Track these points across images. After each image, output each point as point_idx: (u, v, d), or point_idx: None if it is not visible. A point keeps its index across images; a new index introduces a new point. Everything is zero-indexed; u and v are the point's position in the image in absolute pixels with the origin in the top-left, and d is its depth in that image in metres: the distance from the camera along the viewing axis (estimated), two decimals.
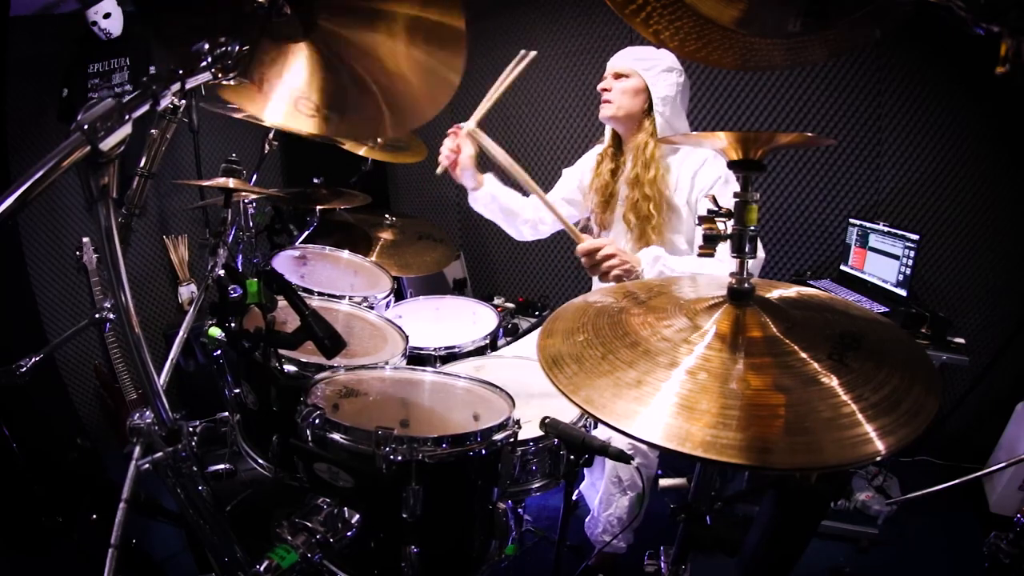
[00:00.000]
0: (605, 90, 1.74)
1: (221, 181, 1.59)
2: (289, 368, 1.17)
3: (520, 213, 1.94)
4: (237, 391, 1.24)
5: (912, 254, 2.15)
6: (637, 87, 1.69)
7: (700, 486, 0.88)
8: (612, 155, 1.83)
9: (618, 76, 1.72)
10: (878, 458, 0.58)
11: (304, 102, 1.05)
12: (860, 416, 0.60)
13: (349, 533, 0.97)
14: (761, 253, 1.65)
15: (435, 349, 1.64)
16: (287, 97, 1.04)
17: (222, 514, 0.84)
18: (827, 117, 2.60)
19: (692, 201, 1.68)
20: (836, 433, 0.58)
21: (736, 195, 0.77)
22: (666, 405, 0.63)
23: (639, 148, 1.71)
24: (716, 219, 0.78)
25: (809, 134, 0.78)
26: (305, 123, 1.07)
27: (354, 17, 0.96)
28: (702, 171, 1.70)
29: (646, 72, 1.68)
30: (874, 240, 2.35)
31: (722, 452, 0.57)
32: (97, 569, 0.79)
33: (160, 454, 0.75)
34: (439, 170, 1.82)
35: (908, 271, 2.16)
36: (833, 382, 0.64)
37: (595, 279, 2.01)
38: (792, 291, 0.87)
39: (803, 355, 0.68)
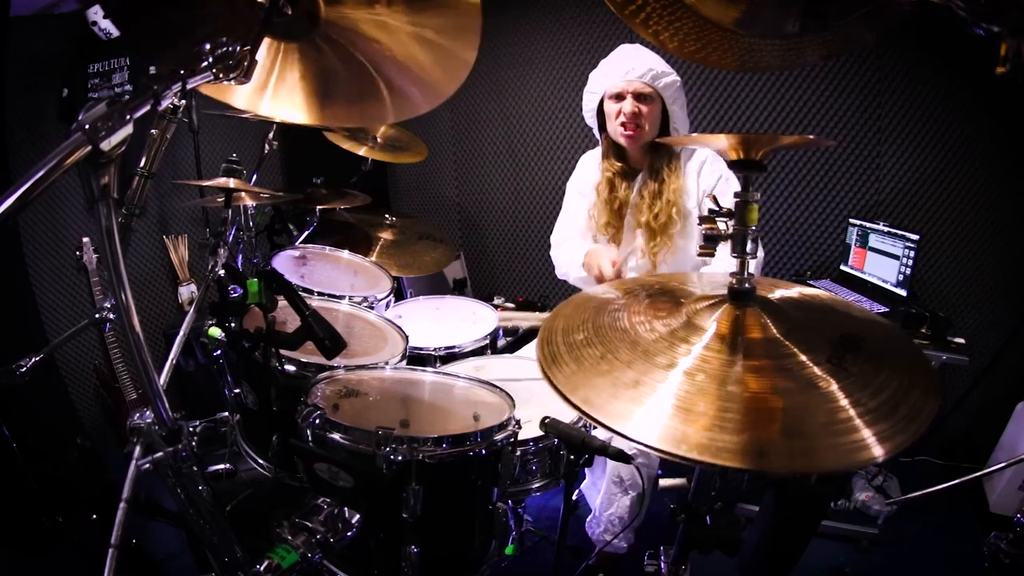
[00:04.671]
0: (636, 116, 1.67)
1: (221, 181, 1.60)
2: (289, 368, 1.17)
3: None
4: (237, 391, 1.24)
5: (912, 254, 2.15)
6: (659, 110, 1.69)
7: (700, 486, 0.88)
8: (623, 172, 1.83)
9: (639, 96, 1.67)
10: (875, 463, 0.58)
11: (299, 91, 1.04)
12: (858, 421, 0.60)
13: (349, 533, 0.97)
14: (759, 252, 1.66)
15: (435, 349, 1.64)
16: (281, 87, 1.03)
17: (222, 514, 0.84)
18: (827, 117, 2.60)
19: (700, 203, 1.70)
20: (833, 439, 0.58)
21: (736, 195, 0.77)
22: (663, 407, 0.63)
23: (663, 161, 1.72)
24: (716, 219, 0.78)
25: (810, 136, 0.78)
26: (300, 114, 1.07)
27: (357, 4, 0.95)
28: (704, 171, 1.71)
29: (665, 93, 1.67)
30: (874, 240, 2.35)
31: (717, 455, 0.57)
32: (97, 569, 0.79)
33: (160, 454, 0.75)
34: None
35: (908, 271, 2.16)
36: (832, 386, 0.64)
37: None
38: (794, 291, 0.86)
39: (802, 358, 0.68)
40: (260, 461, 1.22)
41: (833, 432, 0.59)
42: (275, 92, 1.04)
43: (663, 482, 1.07)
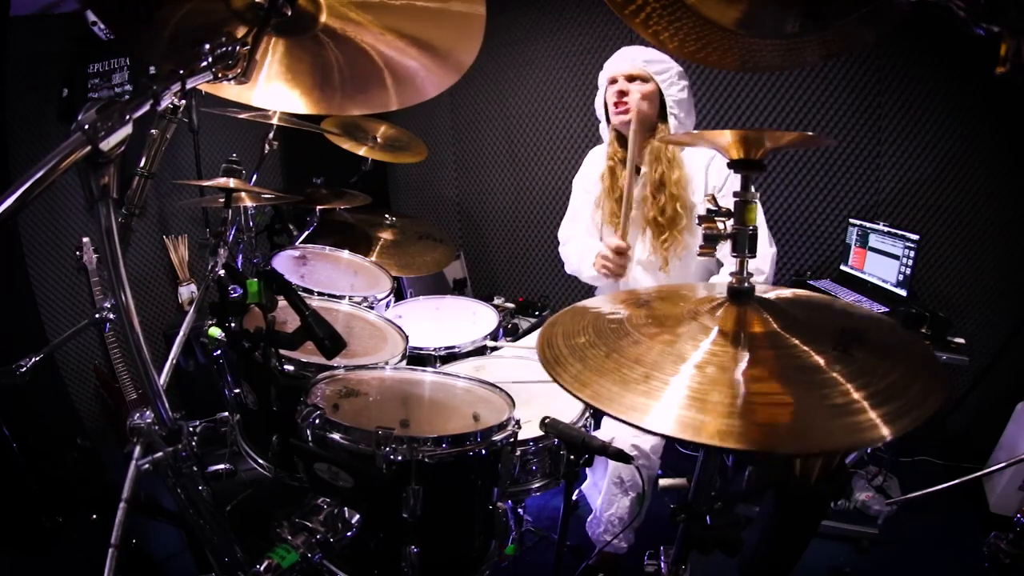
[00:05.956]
0: (623, 93, 1.69)
1: (221, 181, 1.60)
2: (289, 368, 1.17)
3: None
4: (237, 391, 1.24)
5: (912, 254, 2.15)
6: (652, 91, 1.69)
7: (700, 486, 0.88)
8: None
9: (631, 79, 1.70)
10: (884, 441, 0.58)
11: (295, 80, 1.03)
12: (865, 403, 0.60)
13: (349, 533, 0.97)
14: (773, 248, 1.65)
15: (435, 349, 1.64)
16: (275, 76, 1.01)
17: (222, 514, 0.84)
18: (827, 117, 2.60)
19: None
20: (843, 418, 0.59)
21: (736, 194, 0.77)
22: (676, 398, 0.63)
23: (660, 151, 1.71)
24: (716, 219, 0.78)
25: (809, 133, 0.79)
26: (300, 104, 1.05)
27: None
28: (712, 166, 1.71)
29: (659, 76, 1.68)
30: (874, 240, 2.35)
31: (734, 440, 0.57)
32: (97, 569, 0.79)
33: (160, 454, 0.75)
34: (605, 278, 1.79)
35: (908, 271, 2.16)
36: (838, 371, 0.64)
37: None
38: (789, 292, 0.87)
39: (806, 348, 0.68)
40: (260, 461, 1.22)
41: (843, 412, 0.59)
42: (268, 81, 1.02)
43: (663, 482, 1.07)
